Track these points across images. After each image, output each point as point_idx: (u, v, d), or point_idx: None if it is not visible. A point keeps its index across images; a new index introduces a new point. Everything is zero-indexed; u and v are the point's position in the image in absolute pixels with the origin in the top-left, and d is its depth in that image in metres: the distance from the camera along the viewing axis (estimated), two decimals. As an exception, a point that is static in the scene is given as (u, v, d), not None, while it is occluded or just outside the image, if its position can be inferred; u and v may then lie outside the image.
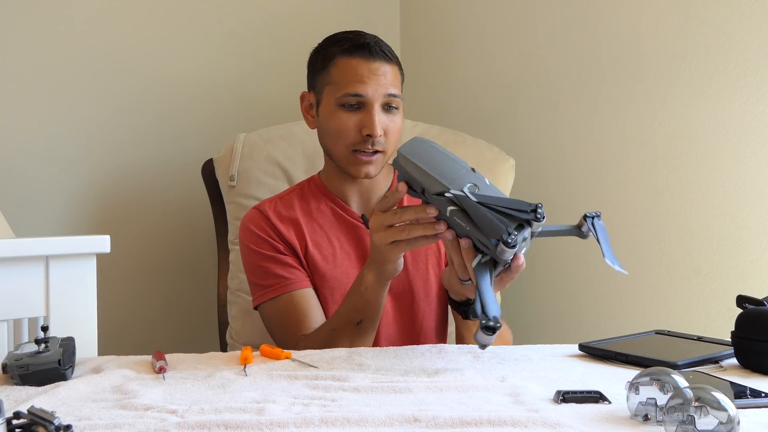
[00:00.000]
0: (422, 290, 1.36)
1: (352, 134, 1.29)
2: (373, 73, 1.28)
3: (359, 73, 1.28)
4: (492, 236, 0.90)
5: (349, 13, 2.20)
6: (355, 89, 1.28)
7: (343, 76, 1.30)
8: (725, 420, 0.64)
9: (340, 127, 1.30)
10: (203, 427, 0.72)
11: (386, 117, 1.30)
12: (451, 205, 0.94)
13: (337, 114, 1.30)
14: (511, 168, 1.78)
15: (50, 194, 1.84)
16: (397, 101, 1.31)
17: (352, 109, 1.29)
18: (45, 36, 1.82)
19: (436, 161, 0.99)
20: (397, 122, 1.32)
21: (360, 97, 1.28)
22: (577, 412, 0.76)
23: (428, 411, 0.75)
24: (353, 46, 1.30)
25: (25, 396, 0.85)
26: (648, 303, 1.62)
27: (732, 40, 1.46)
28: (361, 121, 1.29)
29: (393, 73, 1.32)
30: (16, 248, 1.08)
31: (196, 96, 2.00)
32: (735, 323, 0.96)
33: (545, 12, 1.86)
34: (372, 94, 1.28)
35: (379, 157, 1.31)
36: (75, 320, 1.09)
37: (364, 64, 1.29)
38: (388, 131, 1.30)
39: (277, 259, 1.33)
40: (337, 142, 1.32)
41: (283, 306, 1.31)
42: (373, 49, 1.30)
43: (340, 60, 1.31)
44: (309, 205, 1.39)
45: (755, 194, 1.44)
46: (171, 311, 1.98)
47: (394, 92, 1.30)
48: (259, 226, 1.36)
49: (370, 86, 1.28)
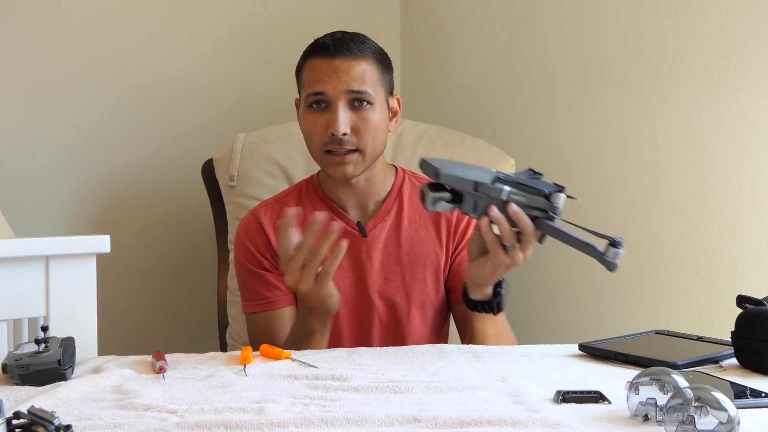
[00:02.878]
0: (419, 300, 1.35)
1: (320, 135, 1.28)
2: (334, 71, 1.26)
3: (319, 72, 1.27)
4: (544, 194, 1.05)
5: (349, 13, 2.20)
6: (314, 88, 1.27)
7: (307, 78, 1.30)
8: (725, 420, 0.64)
9: (309, 129, 1.30)
10: (203, 427, 0.72)
11: (354, 114, 1.27)
12: (506, 185, 1.03)
13: (307, 116, 1.30)
14: (511, 168, 1.78)
15: (50, 194, 1.84)
16: (366, 96, 1.27)
17: (318, 108, 1.28)
18: (45, 36, 1.82)
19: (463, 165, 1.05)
20: (368, 119, 1.28)
21: (320, 95, 1.27)
22: (577, 412, 0.76)
23: (428, 411, 0.75)
24: (314, 47, 1.30)
25: (25, 396, 0.85)
26: (648, 303, 1.62)
27: (732, 40, 1.46)
28: (327, 120, 1.27)
29: (360, 69, 1.27)
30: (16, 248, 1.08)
31: (196, 96, 2.00)
32: (735, 323, 0.96)
33: (545, 12, 1.86)
34: (332, 92, 1.26)
35: (354, 156, 1.28)
36: (75, 320, 1.09)
37: (324, 63, 1.27)
38: (358, 128, 1.27)
39: (260, 276, 1.33)
40: (310, 144, 1.32)
41: (258, 323, 1.33)
42: (331, 47, 1.28)
43: (306, 62, 1.31)
44: (305, 210, 1.35)
45: (755, 194, 1.44)
46: (171, 311, 1.98)
47: (357, 88, 1.26)
48: (250, 236, 1.35)
49: (329, 84, 1.26)
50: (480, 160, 1.77)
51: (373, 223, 1.35)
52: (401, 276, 1.34)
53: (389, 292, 1.33)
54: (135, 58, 1.92)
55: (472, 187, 1.02)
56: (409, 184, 1.40)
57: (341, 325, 1.32)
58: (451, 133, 1.84)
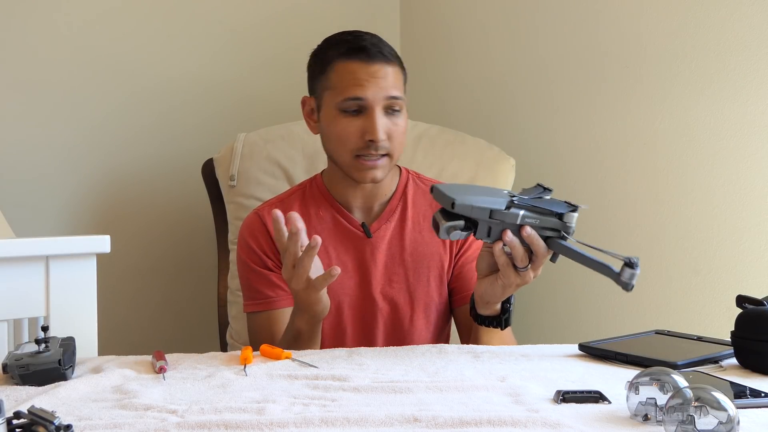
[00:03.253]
0: (422, 302, 1.35)
1: (355, 140, 1.26)
2: (372, 76, 1.25)
3: (358, 76, 1.25)
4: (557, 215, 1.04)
5: (349, 13, 2.20)
6: (354, 93, 1.25)
7: (341, 81, 1.26)
8: (725, 420, 0.64)
9: (341, 133, 1.27)
10: (203, 427, 0.72)
11: (389, 120, 1.27)
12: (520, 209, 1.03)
13: (338, 120, 1.27)
14: (511, 168, 1.78)
15: (50, 194, 1.84)
16: (399, 103, 1.28)
17: (353, 113, 1.26)
18: (45, 36, 1.82)
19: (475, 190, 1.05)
20: (400, 125, 1.29)
21: (360, 101, 1.25)
22: (577, 412, 0.76)
23: (428, 411, 0.75)
24: (350, 49, 1.27)
25: (26, 396, 0.85)
26: (648, 303, 1.62)
27: (732, 40, 1.46)
28: (363, 126, 1.25)
29: (394, 74, 1.28)
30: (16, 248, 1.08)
31: (196, 96, 2.00)
32: (735, 323, 0.96)
33: (545, 12, 1.86)
34: (372, 98, 1.25)
35: (385, 160, 1.28)
36: (75, 320, 1.09)
37: (362, 68, 1.25)
38: (391, 134, 1.27)
39: (263, 275, 1.32)
40: (339, 148, 1.29)
41: (259, 322, 1.33)
42: (371, 51, 1.26)
43: (338, 64, 1.27)
44: (309, 210, 1.36)
45: (755, 194, 1.44)
46: (171, 311, 1.98)
47: (395, 94, 1.27)
48: (254, 236, 1.34)
49: (370, 90, 1.24)
50: (480, 160, 1.78)
51: (377, 224, 1.35)
52: (405, 277, 1.34)
53: (393, 294, 1.33)
54: (135, 58, 1.92)
55: (488, 215, 1.01)
56: (413, 185, 1.40)
57: (345, 326, 1.32)
58: (451, 133, 1.84)
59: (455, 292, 1.37)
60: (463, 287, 1.36)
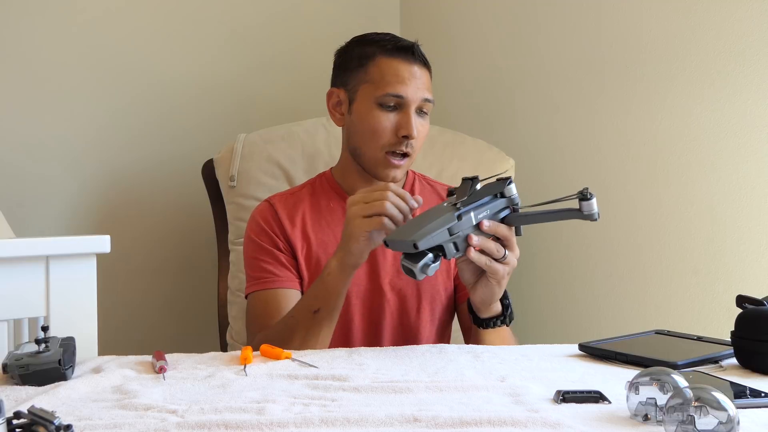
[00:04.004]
0: (429, 294, 1.36)
1: (388, 135, 1.30)
2: (413, 76, 1.29)
3: (401, 74, 1.29)
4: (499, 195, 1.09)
5: (349, 13, 2.20)
6: (396, 90, 1.28)
7: (384, 76, 1.29)
8: (725, 420, 0.64)
9: (376, 127, 1.30)
10: (203, 427, 0.72)
11: (419, 121, 1.31)
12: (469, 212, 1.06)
13: (374, 113, 1.30)
14: (511, 168, 1.78)
15: (50, 194, 1.84)
16: (429, 107, 1.33)
17: (389, 109, 1.30)
18: (45, 37, 1.82)
19: (423, 219, 1.06)
20: (426, 127, 1.34)
21: (400, 99, 1.29)
22: (577, 412, 0.76)
23: (428, 411, 0.75)
24: (396, 48, 1.31)
25: (25, 396, 0.85)
26: (648, 303, 1.62)
27: (732, 40, 1.46)
28: (398, 122, 1.29)
29: (428, 79, 1.33)
30: (16, 248, 1.08)
31: (196, 96, 2.00)
32: (735, 323, 0.96)
33: (545, 12, 1.86)
34: (411, 96, 1.29)
35: (407, 161, 1.33)
36: (75, 320, 1.09)
37: (405, 66, 1.29)
38: (419, 135, 1.31)
39: (272, 254, 1.34)
40: (371, 141, 1.31)
41: (263, 300, 1.32)
42: (415, 52, 1.31)
43: (381, 59, 1.31)
44: (319, 203, 1.39)
45: (755, 194, 1.44)
46: (171, 311, 1.98)
47: (429, 97, 1.32)
48: (266, 219, 1.37)
49: (411, 88, 1.29)
50: (480, 160, 1.78)
51: None
52: None
53: (401, 285, 1.35)
54: (135, 58, 1.92)
55: (448, 235, 1.03)
56: (419, 184, 1.45)
57: (353, 315, 1.33)
58: (451, 133, 1.84)
59: (459, 288, 1.40)
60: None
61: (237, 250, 1.70)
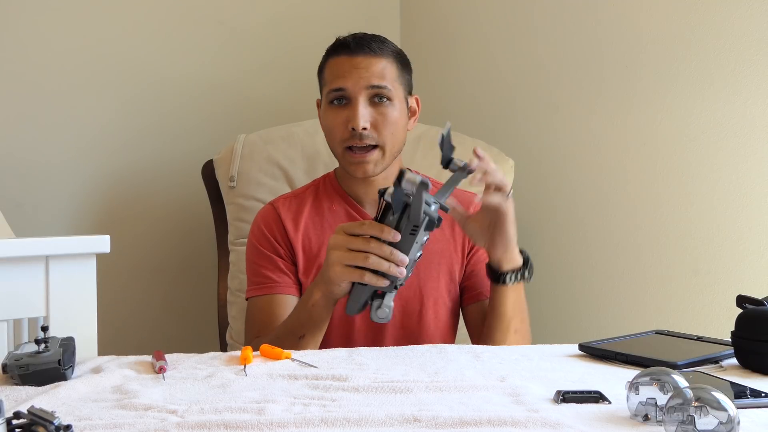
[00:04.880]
0: (431, 297, 1.35)
1: (341, 130, 1.31)
2: (354, 67, 1.30)
3: (341, 68, 1.31)
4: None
5: (349, 13, 2.20)
6: (335, 84, 1.31)
7: (329, 75, 1.34)
8: (725, 420, 0.64)
9: (329, 124, 1.33)
10: (203, 427, 0.72)
11: (374, 110, 1.31)
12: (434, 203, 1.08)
13: (328, 112, 1.34)
14: (511, 168, 1.78)
15: (50, 194, 1.84)
16: (385, 92, 1.31)
17: (339, 104, 1.32)
18: (45, 37, 1.82)
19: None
20: (388, 114, 1.31)
21: (342, 92, 1.31)
22: (577, 412, 0.76)
23: (428, 411, 0.75)
24: (336, 46, 1.35)
25: (25, 396, 0.85)
26: (648, 303, 1.62)
27: (732, 40, 1.46)
28: (347, 115, 1.30)
29: (380, 66, 1.31)
30: (16, 248, 1.08)
31: (196, 96, 2.00)
32: (735, 323, 0.96)
33: (545, 12, 1.86)
34: (353, 88, 1.30)
35: (375, 154, 1.31)
36: (75, 320, 1.09)
37: (345, 60, 1.32)
38: (378, 124, 1.30)
39: (272, 260, 1.34)
40: (330, 140, 1.35)
41: (260, 306, 1.33)
42: (352, 45, 1.32)
43: (328, 61, 1.35)
44: (322, 205, 1.40)
45: (755, 194, 1.44)
46: (171, 311, 1.98)
47: (378, 83, 1.30)
48: (268, 224, 1.38)
49: (350, 80, 1.30)
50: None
51: None
52: (414, 272, 1.34)
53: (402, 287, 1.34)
54: (135, 58, 1.92)
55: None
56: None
57: (354, 318, 1.33)
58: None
59: (467, 290, 1.39)
60: (475, 285, 1.38)
61: (237, 250, 1.70)
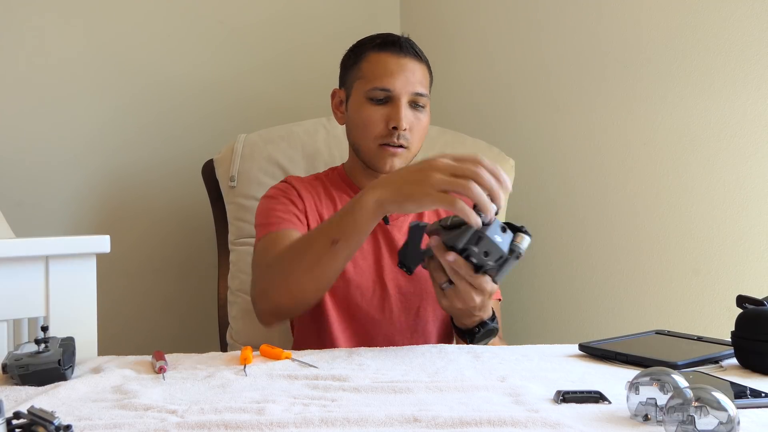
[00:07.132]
0: (431, 295, 1.35)
1: (380, 126, 1.31)
2: (402, 69, 1.31)
3: (388, 67, 1.31)
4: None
5: (349, 12, 2.20)
6: (383, 83, 1.30)
7: (372, 70, 1.32)
8: (725, 420, 0.64)
9: (367, 120, 1.32)
10: (203, 427, 0.72)
11: (412, 114, 1.32)
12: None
13: (365, 107, 1.32)
14: (511, 168, 1.78)
15: (50, 194, 1.84)
16: (423, 100, 1.33)
17: (379, 102, 1.32)
18: (45, 36, 1.82)
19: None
20: (422, 120, 1.34)
21: (388, 92, 1.30)
22: (577, 412, 0.76)
23: (428, 411, 0.75)
24: (384, 42, 1.34)
25: (25, 396, 0.85)
26: (648, 303, 1.62)
27: (732, 40, 1.46)
28: (388, 114, 1.30)
29: (421, 72, 1.33)
30: (16, 248, 1.08)
31: (196, 96, 2.00)
32: (735, 323, 0.96)
33: (545, 12, 1.86)
34: (399, 89, 1.30)
35: (404, 152, 1.33)
36: (75, 320, 1.09)
37: (393, 59, 1.31)
38: (413, 128, 1.32)
39: (287, 206, 1.34)
40: (364, 134, 1.33)
41: (272, 238, 1.27)
42: (403, 45, 1.32)
43: (371, 54, 1.34)
44: (332, 194, 1.41)
45: (755, 194, 1.44)
46: (171, 311, 1.98)
47: (421, 91, 1.32)
48: (286, 186, 1.39)
49: (398, 81, 1.30)
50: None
51: (396, 214, 1.37)
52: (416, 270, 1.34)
53: (403, 282, 1.35)
54: (135, 58, 1.92)
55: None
56: None
57: (355, 309, 1.33)
58: (451, 134, 1.84)
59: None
60: None
61: (237, 250, 1.70)
